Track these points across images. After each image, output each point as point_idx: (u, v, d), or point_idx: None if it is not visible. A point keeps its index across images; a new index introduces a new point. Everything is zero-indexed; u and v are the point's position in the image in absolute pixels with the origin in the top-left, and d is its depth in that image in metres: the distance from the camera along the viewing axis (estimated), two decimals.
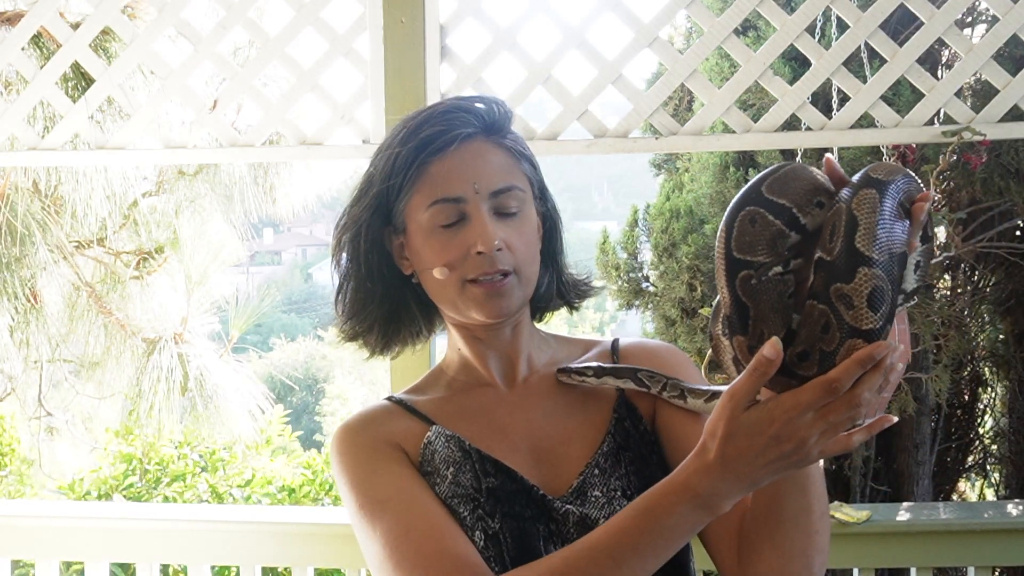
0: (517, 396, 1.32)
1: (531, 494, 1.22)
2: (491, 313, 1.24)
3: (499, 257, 1.22)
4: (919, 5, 2.12)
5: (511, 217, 1.25)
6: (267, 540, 2.24)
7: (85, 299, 4.27)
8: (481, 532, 1.19)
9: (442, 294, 1.26)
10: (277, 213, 4.63)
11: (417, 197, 1.25)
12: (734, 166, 4.34)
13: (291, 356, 18.53)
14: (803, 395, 0.98)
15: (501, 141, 1.28)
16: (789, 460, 1.01)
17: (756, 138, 2.19)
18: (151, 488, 5.79)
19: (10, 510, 2.48)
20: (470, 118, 1.26)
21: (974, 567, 2.13)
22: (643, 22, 2.17)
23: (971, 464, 4.73)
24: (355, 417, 1.32)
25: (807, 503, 1.13)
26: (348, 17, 2.24)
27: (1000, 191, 3.85)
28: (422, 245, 1.25)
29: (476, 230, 1.22)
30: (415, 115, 1.29)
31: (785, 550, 1.14)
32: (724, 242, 1.05)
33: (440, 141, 1.24)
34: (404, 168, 1.24)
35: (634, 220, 5.10)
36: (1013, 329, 4.41)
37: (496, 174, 1.25)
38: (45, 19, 2.34)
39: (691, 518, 1.06)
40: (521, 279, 1.25)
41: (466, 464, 1.23)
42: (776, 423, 1.00)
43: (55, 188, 3.87)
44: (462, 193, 1.23)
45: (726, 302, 1.05)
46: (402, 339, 1.35)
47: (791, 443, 1.00)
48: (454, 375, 1.35)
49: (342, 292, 1.33)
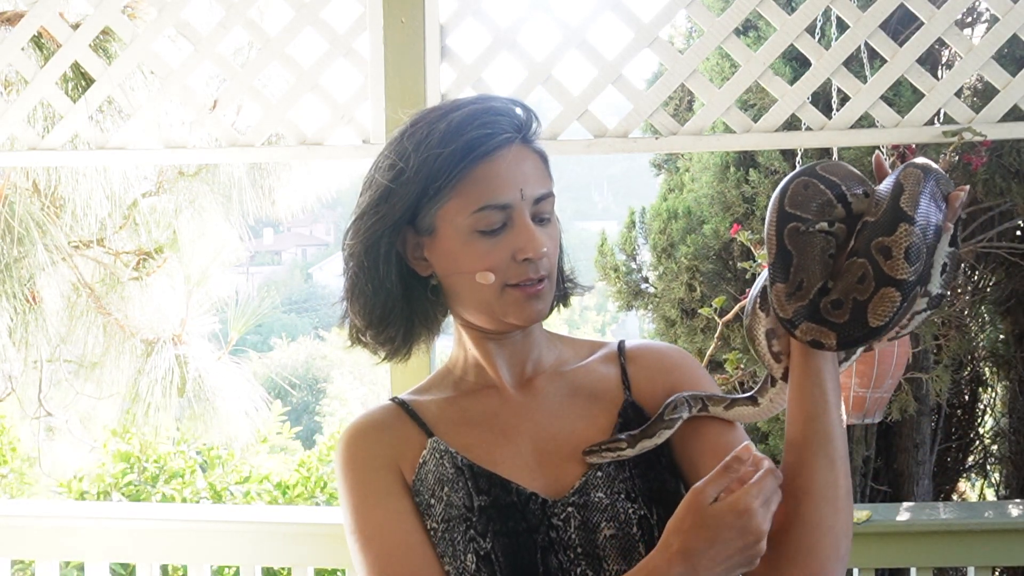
0: (523, 398, 1.32)
1: (529, 505, 1.22)
2: (529, 317, 1.25)
3: (542, 264, 1.24)
4: (919, 5, 2.12)
5: (546, 222, 1.26)
6: (267, 540, 2.24)
7: (84, 299, 4.27)
8: (473, 554, 1.20)
9: (478, 298, 1.25)
10: (277, 213, 4.63)
11: (457, 201, 1.22)
12: (735, 166, 4.33)
13: (291, 356, 18.52)
14: (756, 487, 1.08)
15: (533, 145, 1.28)
16: (746, 554, 1.09)
17: (756, 138, 2.19)
18: (149, 485, 5.80)
19: (10, 510, 2.48)
20: (511, 121, 1.25)
21: (974, 567, 2.13)
22: (643, 22, 2.17)
23: (971, 464, 4.73)
24: (358, 423, 1.32)
25: (834, 477, 1.17)
26: (348, 17, 2.24)
27: (1001, 191, 3.85)
28: (459, 249, 1.23)
29: (524, 237, 1.22)
30: (449, 111, 1.25)
31: (814, 526, 1.16)
32: (778, 199, 1.15)
33: (488, 145, 1.21)
34: (447, 170, 1.21)
35: (632, 221, 5.10)
36: (1013, 329, 4.41)
37: (537, 180, 1.25)
38: (45, 19, 2.34)
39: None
40: (551, 282, 1.27)
41: (459, 481, 1.24)
42: (743, 515, 1.07)
43: (55, 188, 3.86)
44: (510, 200, 1.22)
45: (772, 250, 1.14)
46: (419, 340, 1.35)
47: (752, 535, 1.07)
48: (462, 375, 1.35)
49: (356, 295, 1.29)
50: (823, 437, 1.16)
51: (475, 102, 1.28)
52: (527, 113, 1.28)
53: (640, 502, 1.23)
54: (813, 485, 1.16)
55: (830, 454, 1.16)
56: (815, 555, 1.16)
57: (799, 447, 1.17)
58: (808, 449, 1.16)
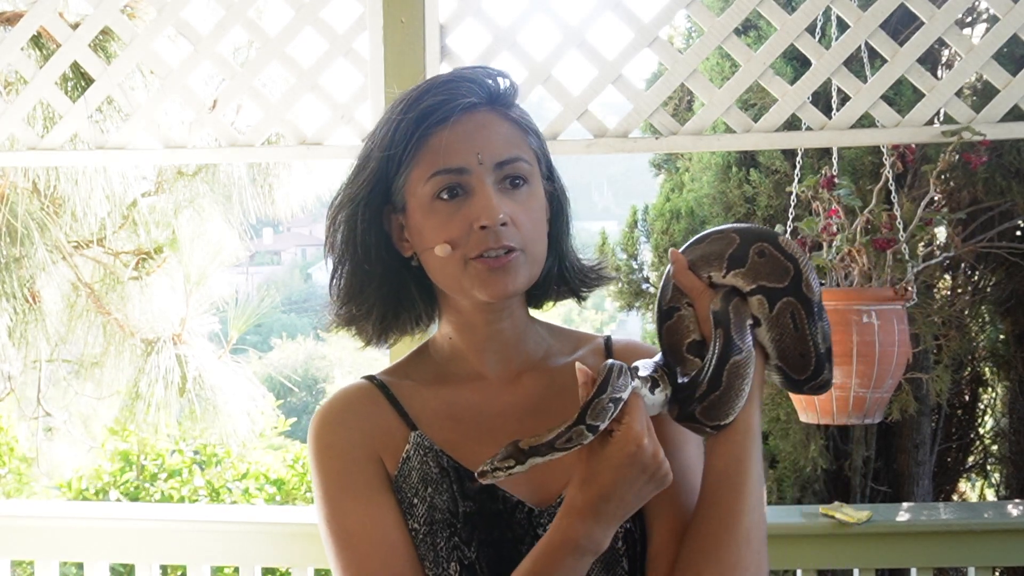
0: (509, 394, 1.25)
1: (515, 513, 1.18)
2: (495, 291, 1.16)
3: (504, 232, 1.15)
4: (919, 5, 2.12)
5: (517, 190, 1.18)
6: (267, 540, 2.24)
7: (84, 299, 4.27)
8: (456, 563, 1.16)
9: (444, 273, 1.19)
10: (276, 213, 4.62)
11: (417, 170, 1.17)
12: (736, 166, 4.33)
13: (291, 356, 18.51)
14: (632, 416, 1.08)
15: (507, 112, 1.22)
16: (654, 482, 1.08)
17: (756, 138, 2.19)
18: (148, 483, 5.81)
19: (10, 510, 2.48)
20: (474, 87, 1.19)
21: (974, 567, 2.13)
22: (643, 22, 2.17)
23: (971, 464, 4.73)
24: (334, 405, 1.26)
25: (740, 505, 1.13)
26: (348, 17, 2.24)
27: (1002, 191, 3.85)
28: (422, 222, 1.18)
29: (480, 203, 1.15)
30: (418, 85, 1.22)
31: (719, 561, 1.12)
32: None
33: (443, 111, 1.16)
34: (404, 139, 1.17)
35: (633, 221, 5.10)
36: (1013, 329, 4.41)
37: (501, 145, 1.18)
38: (45, 19, 2.34)
39: (578, 566, 1.10)
40: (528, 257, 1.18)
41: (443, 483, 1.19)
42: (636, 452, 1.06)
43: (54, 188, 3.86)
44: (464, 164, 1.15)
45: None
46: (400, 325, 1.28)
47: (652, 464, 1.07)
48: (441, 363, 1.28)
49: (337, 275, 1.25)
50: (739, 487, 1.14)
51: (449, 72, 1.24)
52: (508, 82, 1.23)
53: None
54: (718, 513, 1.14)
55: (736, 483, 1.14)
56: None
57: (713, 500, 1.15)
58: (710, 481, 1.16)
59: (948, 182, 3.66)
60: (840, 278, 2.34)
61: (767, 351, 1.20)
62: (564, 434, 1.09)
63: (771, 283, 1.18)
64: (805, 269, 1.18)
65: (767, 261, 1.18)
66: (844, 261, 2.33)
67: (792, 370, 1.20)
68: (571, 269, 1.29)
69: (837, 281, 2.34)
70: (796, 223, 2.50)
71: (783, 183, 4.13)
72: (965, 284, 4.40)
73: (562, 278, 1.28)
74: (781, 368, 1.20)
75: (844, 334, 2.13)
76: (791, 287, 1.17)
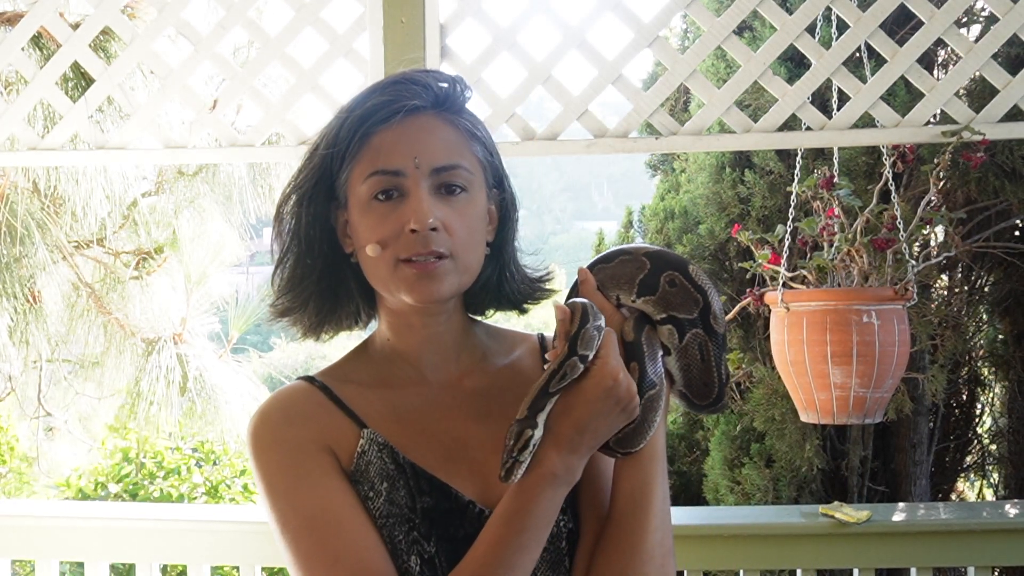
0: (452, 398, 1.25)
1: (467, 512, 1.18)
2: (421, 296, 1.16)
3: (433, 237, 1.15)
4: (919, 5, 2.12)
5: (453, 197, 1.18)
6: (267, 540, 2.23)
7: (85, 299, 4.27)
8: (417, 556, 1.16)
9: (374, 273, 1.19)
10: None
11: (358, 168, 1.18)
12: (730, 167, 4.34)
13: (291, 356, 18.50)
14: (606, 350, 1.13)
15: (453, 118, 1.21)
16: (625, 413, 1.12)
17: (756, 138, 2.19)
18: (147, 481, 5.82)
19: (10, 510, 2.48)
20: (419, 90, 1.19)
21: (974, 567, 2.14)
22: (643, 22, 2.17)
23: (970, 464, 4.73)
24: (275, 405, 1.23)
25: (646, 525, 1.17)
26: (348, 17, 2.24)
27: (995, 191, 3.86)
28: (359, 220, 1.19)
29: (411, 206, 1.15)
30: (370, 86, 1.23)
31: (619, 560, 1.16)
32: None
33: (386, 111, 1.17)
34: (348, 137, 1.18)
35: (629, 221, 5.10)
36: (1012, 329, 4.41)
37: (440, 151, 1.18)
38: (45, 19, 2.34)
39: (556, 497, 1.13)
40: (458, 264, 1.17)
41: (400, 479, 1.18)
42: (612, 386, 1.11)
43: (55, 188, 3.87)
44: (401, 166, 1.16)
45: None
46: (336, 320, 1.27)
47: (624, 396, 1.12)
48: (381, 364, 1.27)
49: (281, 266, 1.25)
50: (646, 501, 1.18)
51: (400, 73, 1.24)
52: (458, 88, 1.22)
53: (569, 514, 1.21)
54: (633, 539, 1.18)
55: (650, 518, 1.18)
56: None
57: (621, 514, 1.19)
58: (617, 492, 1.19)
59: (945, 182, 3.66)
60: (840, 278, 2.34)
61: (674, 378, 1.23)
62: (556, 373, 1.12)
63: (680, 314, 1.20)
64: (713, 301, 1.21)
65: (678, 291, 1.21)
66: (844, 261, 2.33)
67: (695, 396, 1.24)
68: (511, 279, 1.28)
69: (837, 281, 2.34)
70: (796, 223, 2.50)
71: (777, 184, 4.13)
72: (962, 284, 4.40)
73: (503, 287, 1.28)
74: (684, 394, 1.24)
75: (844, 334, 2.14)
76: (700, 319, 1.21)
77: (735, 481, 4.19)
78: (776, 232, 2.47)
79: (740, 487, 4.16)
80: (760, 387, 3.90)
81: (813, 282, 2.35)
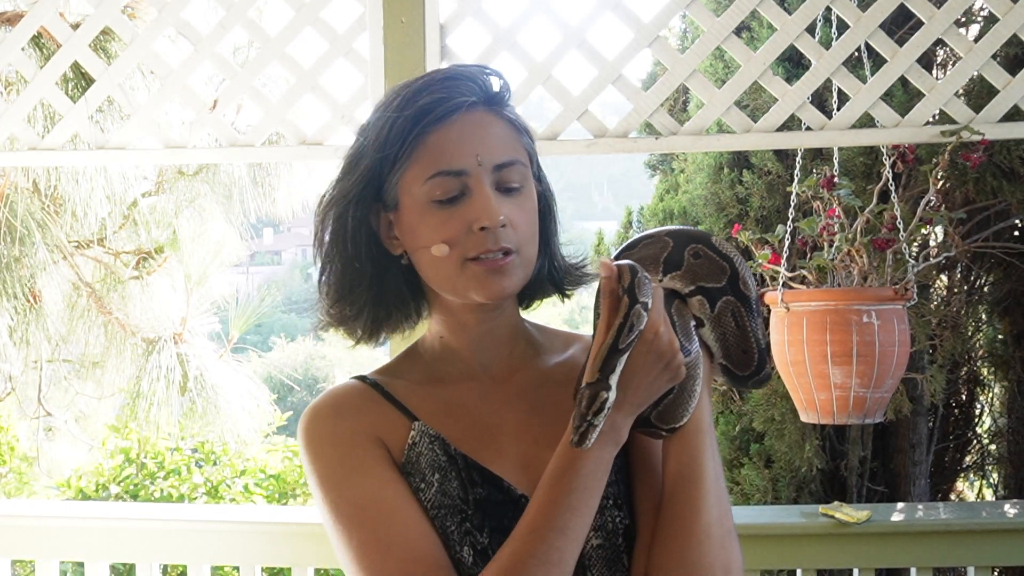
0: (504, 393, 1.25)
1: (519, 505, 1.17)
2: (491, 293, 1.16)
3: (502, 234, 1.15)
4: (919, 5, 2.13)
5: (514, 193, 1.18)
6: (267, 540, 2.24)
7: (85, 299, 4.27)
8: (469, 547, 1.15)
9: (439, 273, 1.18)
10: (277, 213, 4.63)
11: (414, 169, 1.16)
12: (728, 167, 4.34)
13: (291, 356, 18.51)
14: (659, 305, 1.13)
15: (502, 112, 1.21)
16: (669, 371, 1.12)
17: (756, 138, 2.19)
18: (148, 481, 5.82)
19: (10, 510, 2.48)
20: (472, 86, 1.18)
21: (974, 567, 2.14)
22: (643, 22, 2.17)
23: (969, 464, 4.73)
24: (326, 400, 1.23)
25: (699, 503, 1.15)
26: (348, 17, 2.24)
27: (993, 191, 3.85)
28: (418, 221, 1.17)
29: (479, 205, 1.14)
30: (411, 82, 1.20)
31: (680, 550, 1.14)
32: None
33: (441, 109, 1.15)
34: (400, 138, 1.16)
35: (629, 221, 5.10)
36: (1011, 329, 4.41)
37: (499, 146, 1.18)
38: (45, 19, 2.34)
39: (603, 457, 1.12)
40: (522, 258, 1.18)
41: (451, 471, 1.18)
42: (654, 339, 1.11)
43: (55, 188, 3.87)
44: (465, 166, 1.15)
45: None
46: (392, 324, 1.26)
47: (668, 352, 1.11)
48: (432, 362, 1.27)
49: (326, 273, 1.23)
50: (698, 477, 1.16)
51: (445, 69, 1.23)
52: (497, 80, 1.21)
53: (625, 510, 1.19)
54: (687, 521, 1.15)
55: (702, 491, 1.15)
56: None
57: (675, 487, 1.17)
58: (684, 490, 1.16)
59: (944, 182, 3.66)
60: (840, 278, 2.34)
61: (712, 350, 1.22)
62: (622, 327, 1.10)
63: (709, 283, 1.20)
64: (740, 268, 1.20)
65: (703, 262, 1.20)
66: (844, 261, 2.33)
67: (736, 367, 1.23)
68: (559, 268, 1.29)
69: (837, 281, 2.34)
70: (796, 223, 2.50)
71: (776, 184, 4.13)
72: (961, 284, 4.40)
73: (550, 277, 1.28)
74: (725, 366, 1.23)
75: (844, 334, 2.14)
76: (729, 286, 1.20)
77: (734, 481, 4.19)
78: (776, 232, 2.47)
79: (739, 487, 4.16)
80: None
81: (813, 282, 2.35)
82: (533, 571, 1.09)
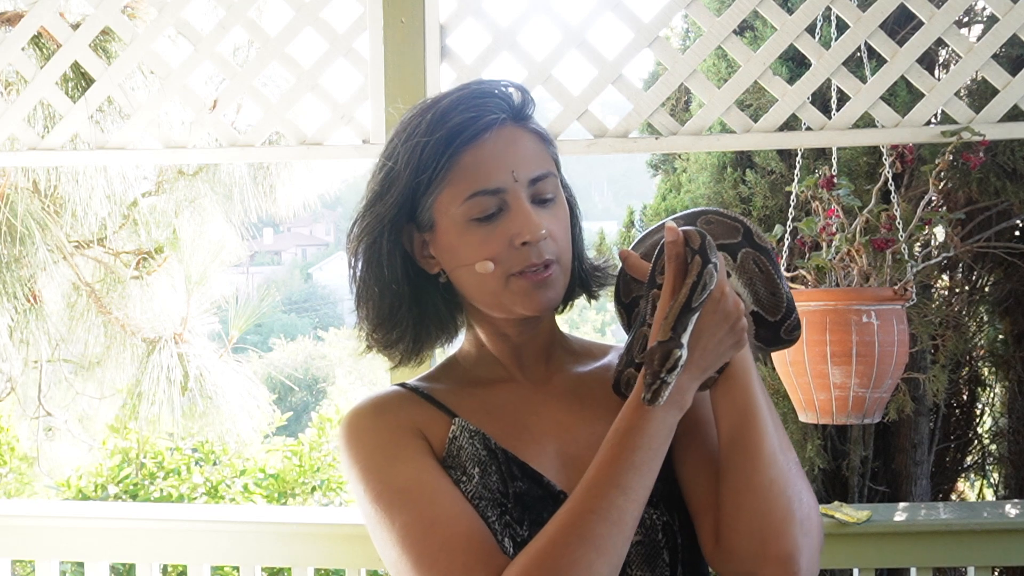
0: (543, 395, 1.27)
1: (558, 501, 1.17)
2: (537, 306, 1.19)
3: (544, 247, 1.17)
4: (919, 5, 2.13)
5: (548, 204, 1.20)
6: (267, 540, 2.24)
7: (85, 299, 4.27)
8: (509, 540, 1.15)
9: (483, 290, 1.20)
10: (277, 213, 4.63)
11: (450, 190, 1.17)
12: (732, 167, 4.34)
13: (291, 356, 18.54)
14: (722, 266, 1.14)
15: (529, 125, 1.23)
16: (734, 334, 1.13)
17: (756, 138, 2.19)
18: (147, 481, 5.82)
19: (10, 510, 2.48)
20: (500, 103, 1.20)
21: (974, 567, 2.14)
22: (643, 22, 2.17)
23: (970, 464, 4.73)
24: (366, 402, 1.26)
25: (773, 466, 1.14)
26: (348, 17, 2.24)
27: (996, 191, 3.86)
28: (457, 240, 1.19)
29: (519, 220, 1.16)
30: (437, 100, 1.21)
31: (757, 496, 1.13)
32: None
33: (472, 128, 1.17)
34: (434, 160, 1.17)
35: (630, 221, 5.10)
36: (1012, 329, 4.41)
37: (532, 160, 1.20)
38: (45, 19, 2.34)
39: (667, 419, 1.12)
40: (562, 268, 1.21)
41: (492, 465, 1.19)
42: (719, 300, 1.12)
43: (55, 188, 3.87)
44: (501, 183, 1.17)
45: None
46: (432, 342, 1.29)
47: (734, 314, 1.12)
48: (471, 368, 1.29)
49: (364, 302, 1.25)
50: (757, 435, 1.16)
51: (464, 88, 1.23)
52: (520, 93, 1.23)
53: (662, 507, 1.20)
54: (751, 483, 1.15)
55: (765, 450, 1.15)
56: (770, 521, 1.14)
57: (731, 447, 1.17)
58: (744, 448, 1.16)
59: (945, 182, 3.66)
60: (840, 278, 2.34)
61: (742, 298, 1.24)
62: (696, 285, 1.11)
63: (727, 240, 1.24)
64: (752, 226, 1.26)
65: (716, 226, 1.24)
66: (843, 261, 2.33)
67: (767, 311, 1.25)
68: (587, 271, 1.31)
69: (837, 281, 2.34)
70: (795, 223, 2.50)
71: (778, 183, 4.13)
72: (963, 284, 4.40)
73: (582, 280, 1.30)
74: (757, 314, 1.25)
75: (844, 334, 2.14)
76: (745, 240, 1.24)
77: None
78: (775, 232, 2.47)
79: None
80: None
81: (812, 282, 2.35)
82: (594, 527, 1.08)
